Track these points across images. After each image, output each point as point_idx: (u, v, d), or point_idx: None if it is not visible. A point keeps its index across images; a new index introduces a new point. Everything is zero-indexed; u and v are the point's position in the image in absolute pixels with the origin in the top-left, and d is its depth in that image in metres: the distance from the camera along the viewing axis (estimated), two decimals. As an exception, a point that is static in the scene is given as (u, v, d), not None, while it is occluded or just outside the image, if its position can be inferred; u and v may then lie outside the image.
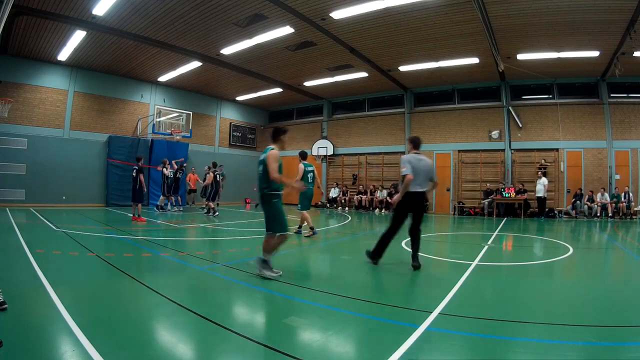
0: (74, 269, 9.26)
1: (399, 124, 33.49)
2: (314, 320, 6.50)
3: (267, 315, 6.78)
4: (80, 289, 7.53)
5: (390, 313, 6.64)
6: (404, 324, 6.11)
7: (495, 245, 14.65)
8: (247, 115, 40.72)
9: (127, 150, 29.29)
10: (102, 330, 5.59)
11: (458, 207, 29.77)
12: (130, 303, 6.95)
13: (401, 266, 10.66)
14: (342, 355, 5.29)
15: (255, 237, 15.55)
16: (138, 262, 10.27)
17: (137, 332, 5.72)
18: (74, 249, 11.36)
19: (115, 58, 26.11)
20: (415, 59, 25.36)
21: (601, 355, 5.20)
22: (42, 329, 5.59)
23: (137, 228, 16.91)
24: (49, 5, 18.98)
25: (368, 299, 7.27)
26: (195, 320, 6.16)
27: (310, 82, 31.67)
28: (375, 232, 18.48)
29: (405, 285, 8.86)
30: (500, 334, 5.82)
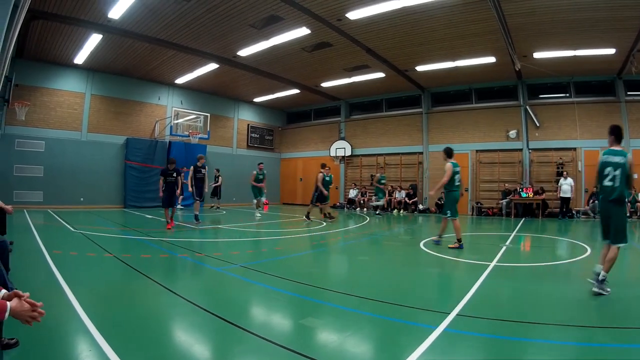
0: (91, 269, 9.31)
1: (417, 124, 33.39)
2: (330, 321, 6.48)
3: (284, 315, 6.76)
4: (97, 289, 7.57)
5: (408, 314, 6.62)
6: (421, 325, 6.08)
7: (513, 246, 14.57)
8: (264, 116, 40.78)
9: (144, 152, 29.48)
10: (119, 331, 5.60)
11: (476, 208, 29.64)
12: (147, 303, 6.98)
13: (420, 268, 10.62)
14: (359, 357, 5.27)
15: (270, 238, 15.57)
16: (155, 263, 10.30)
17: (154, 332, 5.73)
18: (91, 250, 11.45)
19: (132, 61, 26.21)
20: (432, 58, 25.28)
21: (617, 356, 5.15)
22: (59, 328, 5.61)
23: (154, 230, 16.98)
24: (64, 10, 19.06)
25: (385, 300, 7.24)
26: (212, 320, 6.16)
27: (327, 83, 31.63)
28: (394, 233, 18.47)
29: (423, 286, 8.83)
30: (518, 336, 5.78)
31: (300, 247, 14.42)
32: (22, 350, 4.80)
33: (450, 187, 14.46)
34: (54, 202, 25.26)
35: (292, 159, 41.57)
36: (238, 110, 37.88)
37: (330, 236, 16.56)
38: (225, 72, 28.67)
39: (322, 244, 14.88)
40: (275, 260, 11.27)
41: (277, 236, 16.44)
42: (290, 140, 42.19)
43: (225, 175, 32.72)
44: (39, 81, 25.72)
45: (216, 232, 17.57)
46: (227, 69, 27.67)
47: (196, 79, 30.23)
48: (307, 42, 23.04)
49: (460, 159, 30.25)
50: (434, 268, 10.70)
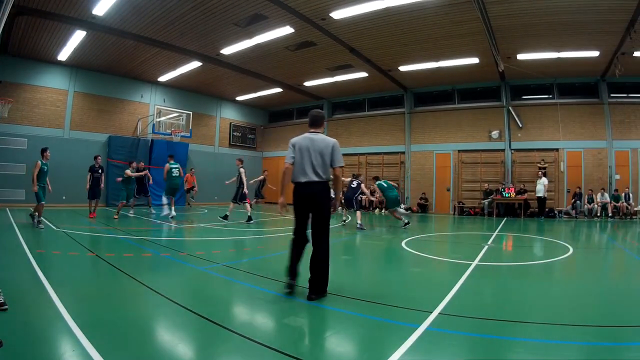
0: (74, 269, 9.27)
1: (399, 124, 33.46)
2: (313, 320, 6.50)
3: (267, 315, 6.77)
4: (80, 289, 7.51)
5: (390, 313, 6.63)
6: (404, 324, 6.10)
7: (495, 245, 14.64)
8: (247, 115, 40.76)
9: (127, 150, 29.32)
10: (103, 331, 5.58)
11: (458, 207, 29.74)
12: (130, 303, 6.94)
13: (401, 266, 10.66)
14: (342, 356, 5.29)
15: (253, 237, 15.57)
16: (138, 262, 10.25)
17: (137, 332, 5.72)
18: (74, 249, 11.39)
19: (115, 58, 26.08)
20: (416, 59, 25.35)
21: (601, 355, 5.20)
22: (43, 329, 5.59)
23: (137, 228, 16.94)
24: (49, 6, 18.96)
25: (367, 299, 7.26)
26: (195, 320, 6.16)
27: (310, 82, 31.65)
28: (376, 232, 18.51)
29: (405, 285, 8.85)
30: (501, 334, 5.82)
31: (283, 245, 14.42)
32: (6, 350, 4.77)
33: None
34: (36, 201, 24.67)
35: (274, 157, 41.29)
36: (220, 108, 37.84)
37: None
38: (208, 70, 28.65)
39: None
40: (258, 259, 11.29)
41: (260, 235, 16.45)
42: (273, 139, 42.07)
43: (207, 174, 32.80)
44: (22, 78, 25.57)
45: (197, 231, 17.56)
46: (210, 67, 27.65)
47: (179, 77, 30.13)
48: (290, 41, 23.04)
49: (443, 159, 30.50)
50: (415, 267, 10.74)
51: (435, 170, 31.59)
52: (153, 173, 25.97)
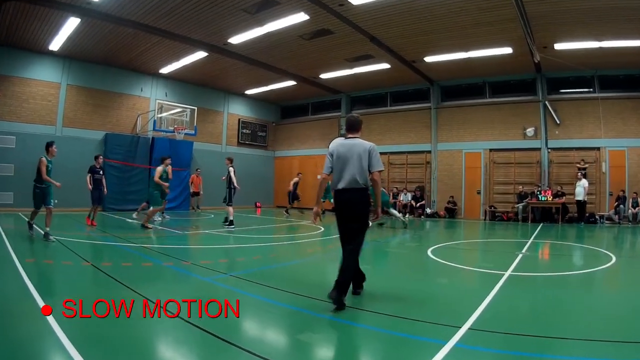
0: (67, 279, 9.31)
1: (425, 120, 33.33)
2: (331, 335, 6.50)
3: (278, 330, 6.77)
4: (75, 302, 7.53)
5: (414, 328, 6.63)
6: (430, 341, 6.09)
7: (530, 253, 14.58)
8: (257, 110, 40.75)
9: (125, 149, 29.31)
10: (98, 347, 5.59)
11: (489, 212, 29.65)
12: (129, 317, 6.95)
13: (427, 276, 10.65)
14: (362, 375, 5.29)
15: (266, 244, 15.59)
16: (138, 272, 10.27)
17: (137, 349, 5.73)
18: (67, 258, 11.42)
19: (112, 48, 26.03)
20: (442, 48, 25.24)
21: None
22: (32, 345, 5.60)
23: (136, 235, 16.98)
24: (40, -10, 19.04)
25: (389, 313, 7.25)
26: (200, 335, 6.16)
27: (326, 75, 31.59)
28: (399, 239, 18.50)
29: (431, 297, 8.83)
30: (537, 351, 5.79)
31: (297, 254, 14.44)
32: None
33: None
34: (26, 205, 23.79)
35: (287, 157, 41.46)
36: (228, 103, 37.83)
37: (328, 242, 16.58)
38: (215, 61, 28.61)
39: (320, 251, 14.93)
40: (270, 269, 11.31)
41: (271, 242, 16.47)
42: (286, 137, 42.10)
43: (214, 175, 32.65)
44: (10, 70, 25.47)
45: (202, 238, 17.59)
46: (217, 57, 27.60)
47: (182, 68, 30.08)
48: (305, 29, 23.00)
49: (473, 159, 30.35)
50: (442, 277, 10.76)
51: (464, 171, 31.46)
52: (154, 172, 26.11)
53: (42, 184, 15.06)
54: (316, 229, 20.64)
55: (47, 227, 14.78)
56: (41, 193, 15.08)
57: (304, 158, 39.68)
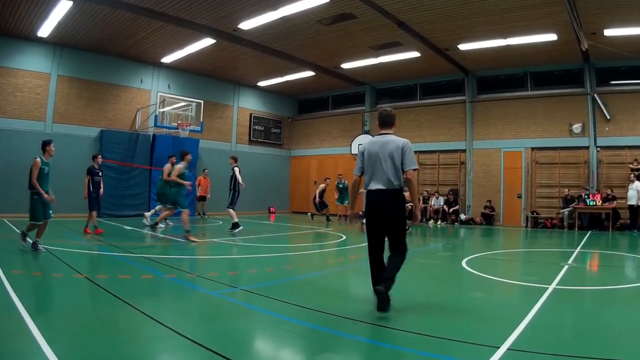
0: (57, 293, 9.37)
1: (459, 115, 33.24)
2: (353, 357, 6.48)
3: (294, 350, 6.76)
4: (65, 319, 7.54)
5: (448, 348, 6.59)
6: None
7: (577, 265, 14.53)
8: (271, 104, 40.75)
9: (123, 147, 29.29)
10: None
11: (531, 218, 29.46)
12: (126, 335, 6.95)
13: (461, 290, 10.62)
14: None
15: (280, 255, 15.58)
16: (137, 286, 10.29)
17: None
18: (58, 270, 11.48)
19: (109, 34, 25.97)
20: (479, 35, 25.11)
21: None
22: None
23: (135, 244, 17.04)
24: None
25: (420, 331, 7.22)
26: (206, 357, 6.16)
27: (349, 64, 31.57)
28: (430, 248, 18.48)
29: (467, 314, 8.79)
30: (585, 376, 5.75)
31: (315, 265, 14.44)
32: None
33: None
34: (11, 210, 24.11)
35: (304, 157, 41.53)
36: (238, 96, 37.86)
37: (350, 252, 16.59)
38: (224, 50, 28.67)
39: (341, 262, 14.93)
40: (285, 282, 11.31)
41: (286, 252, 16.48)
42: (303, 134, 42.14)
43: (222, 177, 32.54)
44: (-7, 58, 25.63)
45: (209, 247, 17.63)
46: (226, 45, 27.64)
47: (187, 57, 30.08)
48: (324, 13, 22.98)
49: (512, 158, 30.21)
50: (479, 291, 10.71)
51: (503, 172, 31.28)
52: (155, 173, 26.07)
53: (42, 189, 14.13)
54: (336, 237, 20.67)
55: (38, 237, 14.21)
56: (40, 202, 14.12)
57: (323, 158, 39.78)
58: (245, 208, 28.22)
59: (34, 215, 14.09)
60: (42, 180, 14.17)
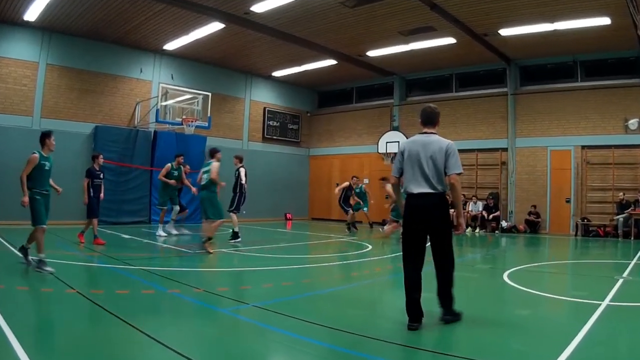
0: (46, 311, 9.42)
1: (499, 110, 33.03)
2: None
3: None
4: (55, 339, 7.57)
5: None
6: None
7: (633, 278, 14.47)
8: (287, 97, 40.71)
9: (120, 146, 28.91)
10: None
11: (581, 225, 29.21)
12: (124, 358, 6.99)
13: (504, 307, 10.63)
14: None
15: (298, 267, 15.61)
16: (136, 302, 10.29)
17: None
18: (47, 284, 11.50)
19: (104, 18, 25.71)
20: (522, 18, 24.91)
21: None
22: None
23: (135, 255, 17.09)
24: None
25: (458, 354, 7.23)
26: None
27: (375, 52, 31.43)
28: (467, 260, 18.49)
29: (510, 333, 8.80)
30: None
31: (338, 278, 14.46)
32: None
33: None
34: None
35: (325, 156, 41.47)
36: (251, 88, 37.80)
37: (376, 263, 16.60)
38: (234, 35, 28.58)
39: (367, 275, 14.95)
40: (304, 297, 11.36)
41: (305, 264, 16.51)
42: (324, 130, 42.08)
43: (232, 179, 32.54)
44: (-27, 46, 25.51)
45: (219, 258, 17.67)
46: (237, 30, 27.54)
47: (193, 44, 29.92)
48: (348, -6, 22.99)
49: (560, 158, 30.06)
50: (523, 308, 10.71)
51: (549, 173, 31.06)
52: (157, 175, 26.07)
53: (42, 188, 13.47)
54: (362, 247, 20.70)
55: (40, 252, 13.10)
56: (44, 202, 13.48)
57: (346, 157, 39.72)
58: (258, 215, 28.29)
59: (36, 218, 13.20)
60: (42, 178, 13.52)
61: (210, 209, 18.41)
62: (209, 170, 18.52)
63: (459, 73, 35.16)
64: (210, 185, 18.38)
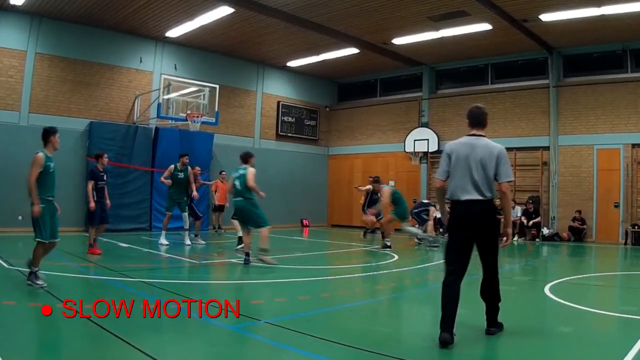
0: (35, 329, 9.37)
1: (540, 103, 32.85)
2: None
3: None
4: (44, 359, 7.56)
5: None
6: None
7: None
8: (304, 90, 40.69)
9: (118, 144, 28.75)
10: None
11: (632, 233, 28.96)
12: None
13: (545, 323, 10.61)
14: None
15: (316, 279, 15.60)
16: (137, 319, 10.08)
17: None
18: (36, 298, 11.45)
19: (100, 1, 25.56)
20: (566, 2, 24.64)
21: None
22: None
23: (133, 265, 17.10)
24: None
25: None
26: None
27: (401, 39, 31.31)
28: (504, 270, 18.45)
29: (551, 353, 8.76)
30: None
31: (360, 292, 14.44)
32: None
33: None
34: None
35: (346, 155, 41.44)
36: (263, 80, 37.81)
37: (404, 275, 16.59)
38: (244, 21, 28.58)
39: (392, 288, 14.93)
40: (322, 313, 11.31)
41: (324, 276, 16.49)
42: (345, 127, 42.04)
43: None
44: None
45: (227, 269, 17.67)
46: (247, 15, 27.52)
47: (199, 31, 29.94)
48: (371, -25, 22.91)
49: (608, 157, 29.87)
50: (566, 325, 10.57)
51: (596, 175, 30.78)
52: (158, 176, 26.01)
53: (46, 193, 12.51)
54: (386, 257, 20.67)
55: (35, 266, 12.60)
56: (49, 210, 12.59)
57: (369, 157, 39.71)
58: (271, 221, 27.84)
59: (41, 230, 12.41)
60: (47, 182, 12.57)
61: (250, 219, 18.43)
62: (242, 177, 18.27)
63: (495, 63, 35.02)
64: (245, 191, 18.20)
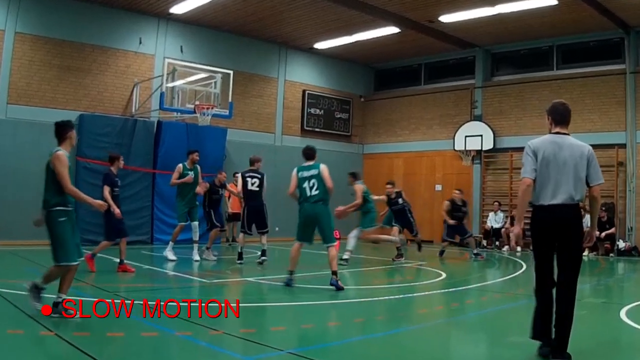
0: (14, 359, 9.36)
1: (616, 93, 32.49)
2: None
3: None
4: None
5: None
6: None
7: None
8: (334, 77, 40.54)
9: (113, 140, 28.21)
10: None
11: None
12: None
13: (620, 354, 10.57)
14: None
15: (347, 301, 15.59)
16: (133, 347, 10.05)
17: None
18: (15, 324, 11.20)
19: None
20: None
21: None
22: None
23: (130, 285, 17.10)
24: None
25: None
26: None
27: (450, 16, 30.98)
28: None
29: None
30: None
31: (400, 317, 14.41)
32: None
33: None
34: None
35: (384, 154, 41.30)
36: (285, 65, 37.66)
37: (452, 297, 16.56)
38: (262, -6, 28.57)
39: (438, 312, 14.87)
40: (355, 342, 11.22)
41: (357, 298, 16.46)
42: (382, 121, 41.86)
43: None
44: None
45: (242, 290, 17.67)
46: (266, -13, 27.39)
47: (209, 6, 29.59)
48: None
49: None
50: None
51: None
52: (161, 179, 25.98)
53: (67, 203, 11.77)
54: (432, 275, 20.65)
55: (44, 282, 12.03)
56: (70, 224, 11.81)
57: (412, 156, 39.60)
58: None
59: (63, 252, 11.53)
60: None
61: (324, 231, 18.23)
62: (317, 177, 18.21)
63: (561, 44, 34.75)
64: (324, 196, 18.06)
